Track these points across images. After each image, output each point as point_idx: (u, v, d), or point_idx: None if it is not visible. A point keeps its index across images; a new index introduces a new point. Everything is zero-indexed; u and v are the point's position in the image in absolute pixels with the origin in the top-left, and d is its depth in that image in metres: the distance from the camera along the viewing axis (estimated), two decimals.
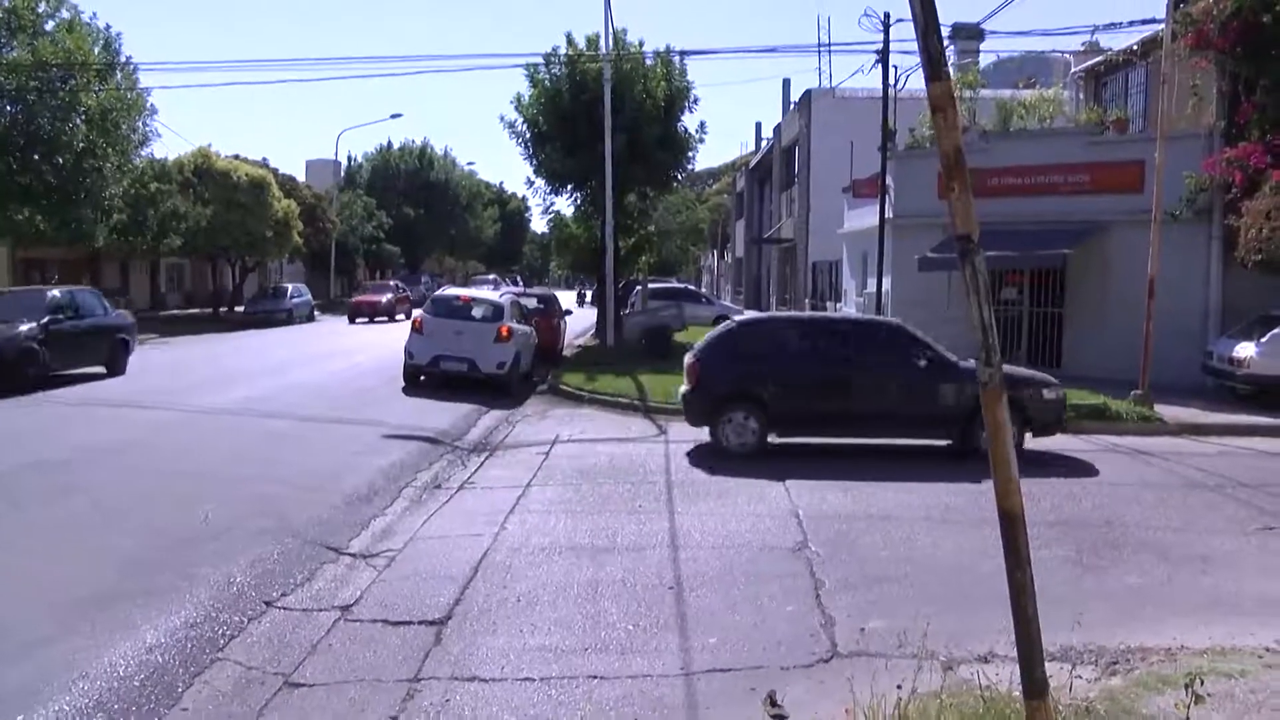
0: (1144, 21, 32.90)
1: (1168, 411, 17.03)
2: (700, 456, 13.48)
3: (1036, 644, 3.61)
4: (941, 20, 3.63)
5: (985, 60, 39.42)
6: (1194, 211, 21.15)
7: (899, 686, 5.24)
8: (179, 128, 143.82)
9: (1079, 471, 13.04)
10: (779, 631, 6.90)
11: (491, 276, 52.51)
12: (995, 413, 3.52)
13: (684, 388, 14.23)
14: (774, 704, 5.70)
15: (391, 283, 51.05)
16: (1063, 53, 36.17)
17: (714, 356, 13.96)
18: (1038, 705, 3.64)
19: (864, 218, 29.02)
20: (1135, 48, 25.06)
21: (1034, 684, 3.63)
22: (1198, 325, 21.02)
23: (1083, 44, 30.87)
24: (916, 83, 28.88)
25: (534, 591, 7.68)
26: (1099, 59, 27.84)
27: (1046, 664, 5.98)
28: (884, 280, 25.83)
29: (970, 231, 3.51)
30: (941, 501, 10.95)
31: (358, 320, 43.10)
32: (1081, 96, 28.57)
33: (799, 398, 13.69)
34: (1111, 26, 51.11)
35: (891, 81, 27.47)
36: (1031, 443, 13.86)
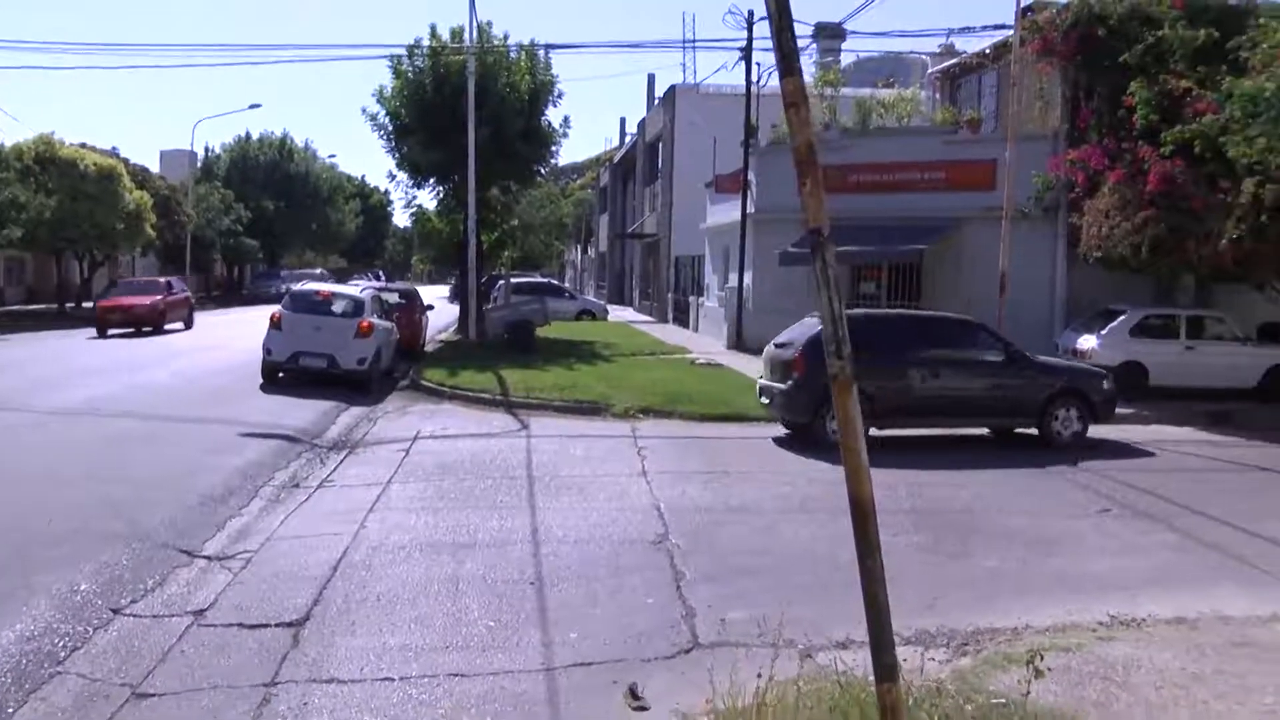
0: (995, 27, 34.24)
1: None
2: (563, 451, 13.49)
3: (887, 629, 3.72)
4: (804, 20, 3.72)
5: (846, 60, 40.36)
6: (1042, 209, 22.11)
7: (759, 675, 5.33)
8: (20, 113, 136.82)
9: (937, 462, 13.50)
10: (641, 624, 6.95)
11: (319, 271, 49.99)
12: (844, 404, 3.61)
13: (780, 385, 14.43)
14: (635, 696, 5.74)
15: (163, 280, 36.67)
16: (920, 54, 37.30)
17: (819, 352, 13.54)
18: (888, 689, 3.75)
19: (726, 213, 29.43)
20: (988, 51, 26.03)
21: (884, 668, 3.74)
22: (1046, 318, 21.97)
23: (939, 46, 31.96)
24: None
25: (394, 590, 7.57)
26: (954, 61, 28.84)
27: (902, 647, 6.16)
28: (746, 275, 26.27)
29: (821, 225, 3.59)
30: (801, 492, 11.19)
31: (110, 333, 30.69)
32: (938, 97, 29.53)
33: (901, 391, 14.23)
34: (966, 30, 53.03)
35: (755, 78, 27.97)
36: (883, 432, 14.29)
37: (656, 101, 49.55)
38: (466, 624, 6.88)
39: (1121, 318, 19.33)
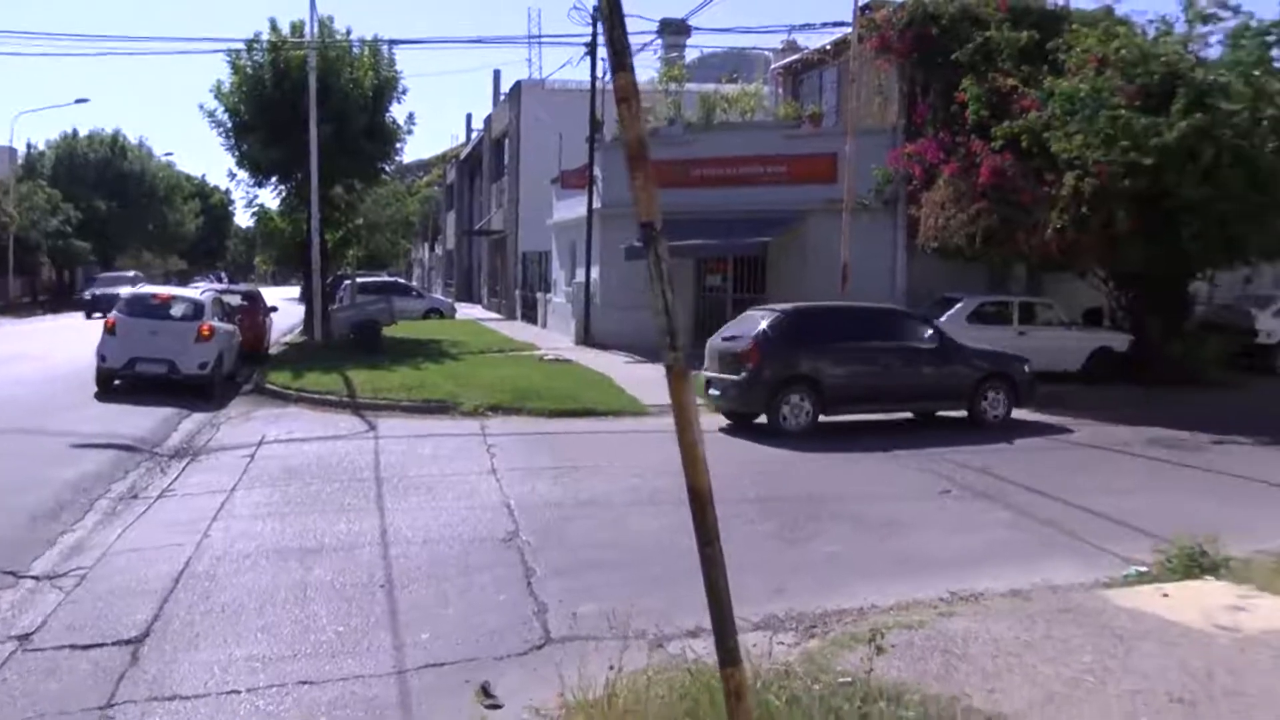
0: (835, 24, 35.15)
1: None
2: (411, 451, 13.32)
3: (728, 615, 3.80)
4: (650, 15, 3.74)
5: (691, 55, 40.90)
6: (882, 202, 22.85)
7: (610, 667, 5.37)
8: None
9: (785, 448, 13.80)
10: (492, 622, 6.92)
11: (131, 274, 47.40)
12: (680, 394, 3.66)
13: (733, 376, 14.90)
14: (488, 694, 5.72)
15: None
16: (764, 50, 38.07)
17: (773, 343, 14.77)
18: (732, 673, 3.83)
19: (572, 208, 29.49)
20: (828, 48, 26.75)
21: (727, 653, 3.82)
22: None
23: (781, 43, 32.64)
24: None
25: (239, 600, 7.35)
26: (796, 57, 29.51)
27: (751, 633, 6.35)
28: (593, 270, 26.37)
29: (653, 220, 3.64)
30: (650, 485, 11.28)
31: None
32: (780, 92, 30.18)
33: (847, 379, 14.99)
34: (806, 27, 54.23)
35: (599, 73, 28.08)
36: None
37: (502, 98, 49.27)
38: (315, 631, 6.73)
39: (958, 305, 20.11)
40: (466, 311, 44.64)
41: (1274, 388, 21.40)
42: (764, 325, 15.08)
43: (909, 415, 16.22)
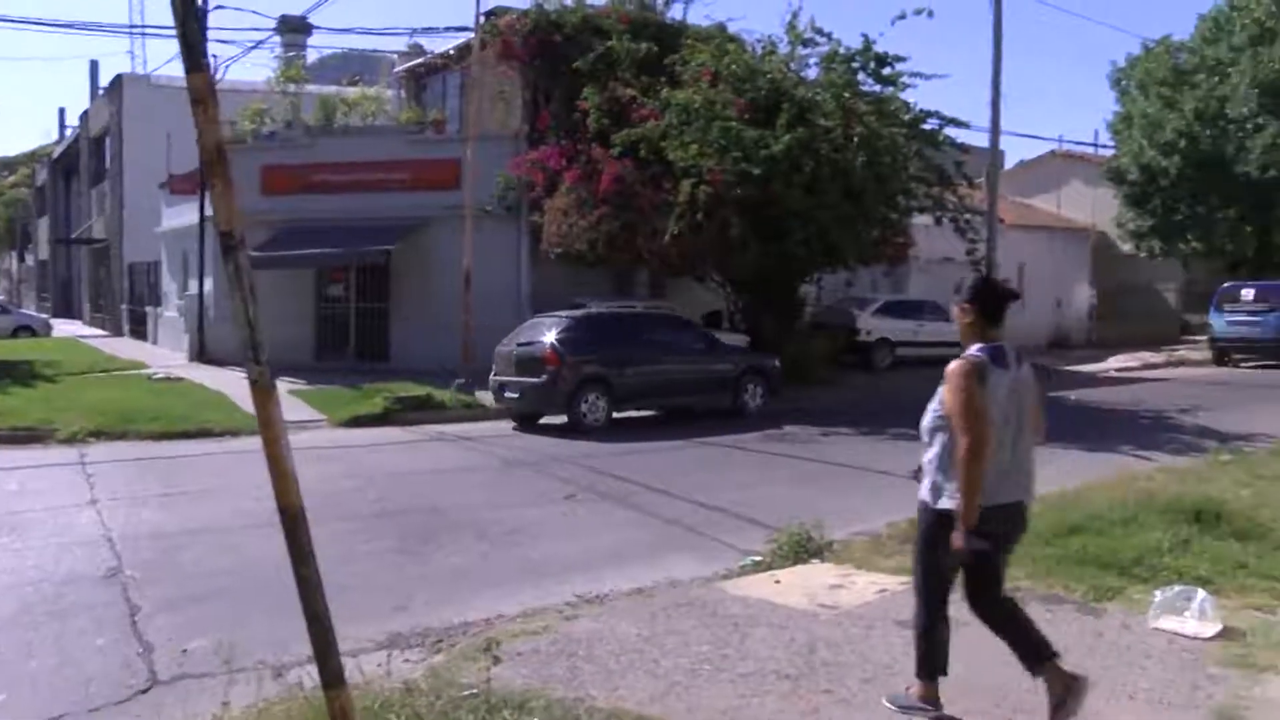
0: (459, 28, 35.10)
1: (490, 398, 18.34)
2: None
3: (329, 637, 3.65)
4: (268, 12, 3.48)
5: (312, 56, 39.58)
6: (505, 208, 23.06)
7: (225, 704, 5.03)
8: None
9: (406, 462, 13.59)
10: (88, 669, 6.27)
11: None
12: (266, 410, 3.48)
13: (532, 379, 16.40)
14: None
15: None
16: (388, 53, 37.44)
17: (568, 347, 16.47)
18: (335, 695, 3.69)
19: (183, 215, 27.76)
20: (451, 52, 26.68)
21: (330, 675, 3.67)
22: (513, 314, 22.75)
23: (406, 45, 32.23)
24: (238, 73, 28.20)
25: None
26: (419, 61, 29.23)
27: (375, 652, 6.16)
28: (207, 282, 24.92)
29: (232, 229, 3.44)
30: (268, 506, 10.53)
31: None
32: (404, 96, 29.78)
33: (632, 378, 16.99)
34: (429, 30, 53.97)
35: (212, 69, 26.51)
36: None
37: (101, 91, 45.49)
38: None
39: (582, 311, 20.65)
40: (65, 328, 40.69)
41: (873, 382, 23.71)
42: (557, 331, 16.78)
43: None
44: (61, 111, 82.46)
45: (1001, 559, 5.02)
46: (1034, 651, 4.92)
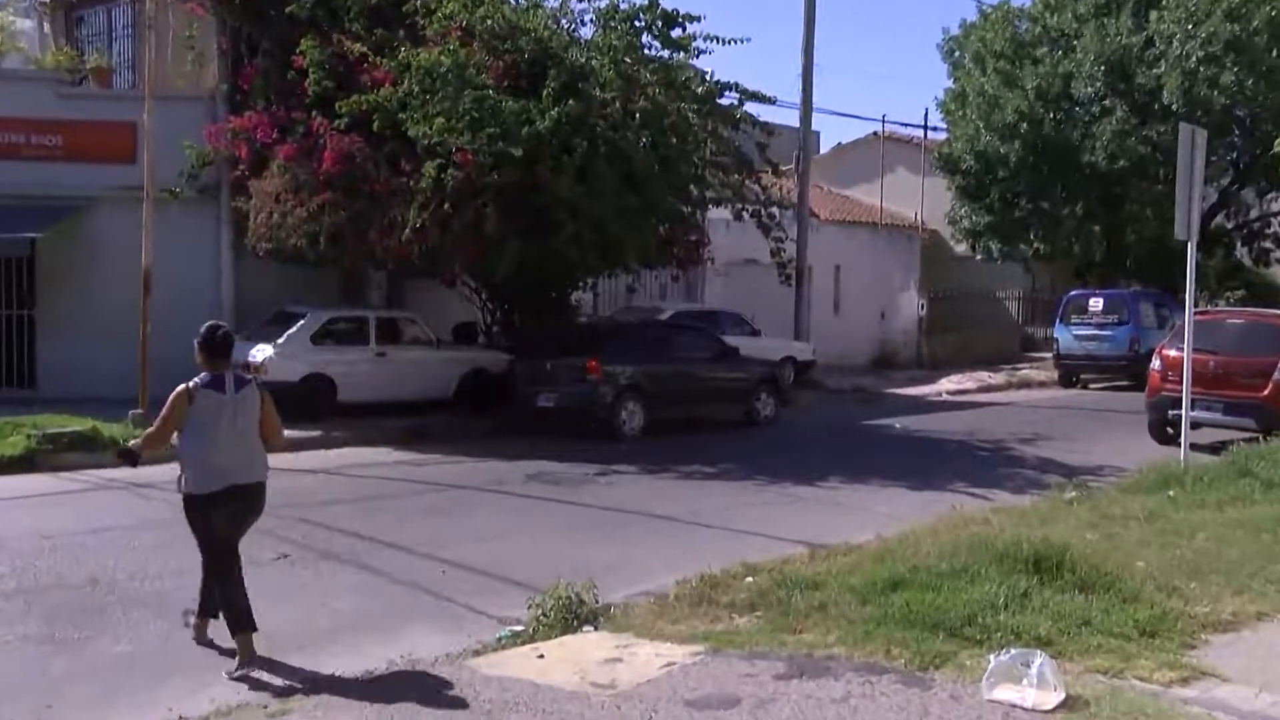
0: None
1: None
2: None
3: None
4: None
5: None
6: (198, 189, 22.16)
7: None
8: None
9: (35, 518, 12.99)
10: None
11: None
12: None
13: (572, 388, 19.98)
14: None
15: None
16: None
17: (613, 354, 20.48)
18: None
19: None
20: None
21: None
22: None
23: None
24: None
25: None
26: None
27: None
28: None
29: None
30: None
31: None
32: (49, 31, 27.91)
33: (666, 386, 20.93)
34: None
35: None
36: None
37: None
38: None
39: (301, 323, 20.08)
40: None
41: None
42: (612, 335, 22.18)
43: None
44: None
45: (233, 530, 8.13)
46: (243, 619, 7.81)
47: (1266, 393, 18.13)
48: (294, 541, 11.62)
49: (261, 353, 19.37)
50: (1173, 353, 18.74)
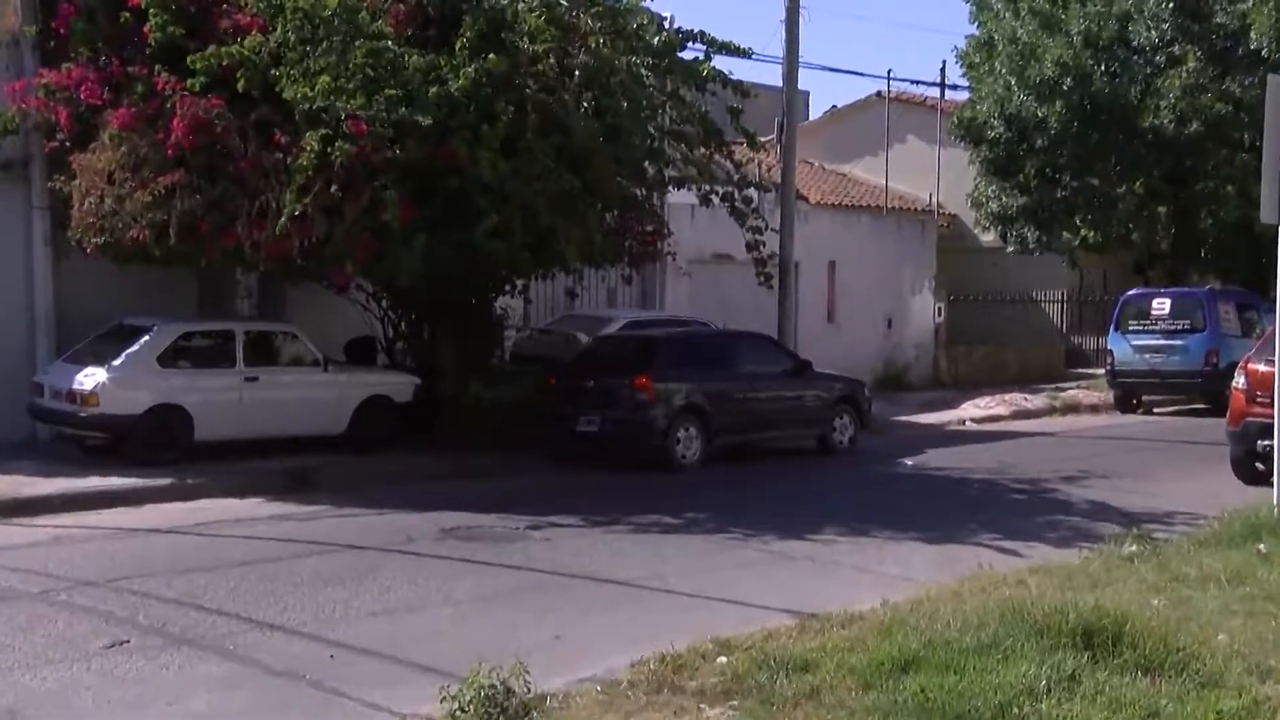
0: None
1: None
2: None
3: None
4: None
5: None
6: (2, 165, 21.71)
7: None
8: None
9: None
10: None
11: None
12: None
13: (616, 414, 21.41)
14: None
15: None
16: None
17: (665, 372, 21.83)
18: None
19: None
20: None
21: None
22: (21, 343, 21.56)
23: None
24: None
25: None
26: None
27: None
28: None
29: None
30: None
31: None
32: None
33: (729, 407, 22.51)
34: None
35: None
36: None
37: None
38: None
39: (144, 339, 19.68)
40: None
41: None
42: (650, 353, 22.48)
43: None
44: None
45: None
46: None
47: None
48: (134, 623, 11.51)
49: (91, 378, 19.07)
50: (1262, 367, 18.35)
